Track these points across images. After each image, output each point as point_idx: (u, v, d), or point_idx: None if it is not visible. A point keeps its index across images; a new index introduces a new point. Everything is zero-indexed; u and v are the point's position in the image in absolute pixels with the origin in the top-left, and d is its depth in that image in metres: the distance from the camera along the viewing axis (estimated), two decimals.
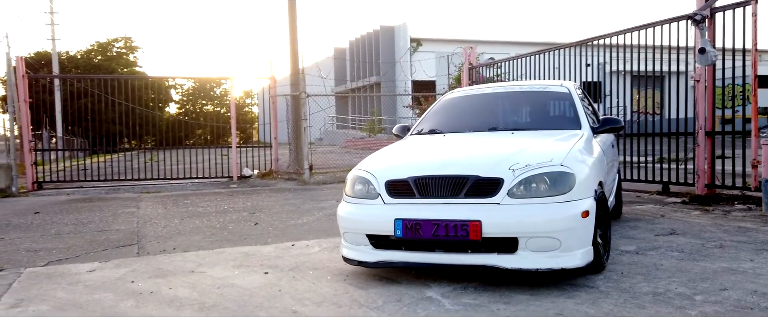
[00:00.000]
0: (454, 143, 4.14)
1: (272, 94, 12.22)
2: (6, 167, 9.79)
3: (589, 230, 3.22)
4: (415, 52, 30.08)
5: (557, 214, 3.10)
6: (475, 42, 20.82)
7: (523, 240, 3.10)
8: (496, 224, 3.10)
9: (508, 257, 3.13)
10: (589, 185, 3.34)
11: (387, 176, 3.49)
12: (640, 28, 7.45)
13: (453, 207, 3.21)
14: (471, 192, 3.22)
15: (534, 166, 3.25)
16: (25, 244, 5.07)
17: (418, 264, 3.30)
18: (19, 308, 3.16)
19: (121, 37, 41.09)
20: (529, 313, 2.82)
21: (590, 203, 3.26)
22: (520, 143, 3.79)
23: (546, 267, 3.10)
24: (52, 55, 31.94)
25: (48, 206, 7.82)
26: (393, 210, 3.33)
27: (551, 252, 3.12)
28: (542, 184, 3.19)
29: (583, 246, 3.19)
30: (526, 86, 4.97)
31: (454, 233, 3.14)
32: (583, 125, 4.23)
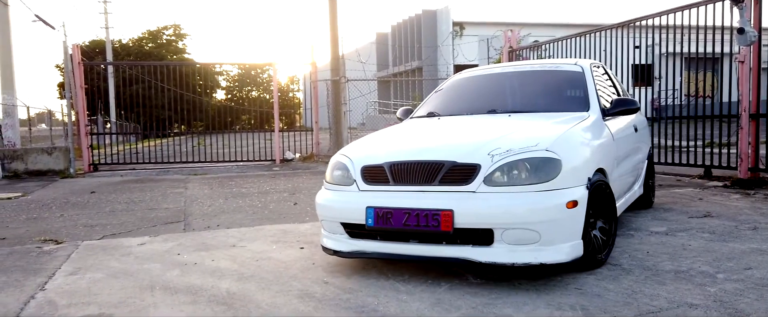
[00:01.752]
0: (444, 127, 3.88)
1: (313, 79, 12.46)
2: (64, 150, 10.38)
3: (577, 223, 2.95)
4: (458, 36, 29.90)
5: (537, 204, 2.84)
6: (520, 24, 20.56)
7: (499, 231, 2.85)
8: (469, 214, 2.87)
9: (483, 250, 2.89)
10: (581, 173, 3.06)
11: (363, 161, 3.29)
12: (680, 10, 7.27)
13: (426, 195, 2.99)
14: (446, 179, 2.99)
15: (516, 151, 2.98)
16: (82, 220, 5.45)
17: (390, 255, 3.11)
18: (77, 275, 3.46)
19: (171, 25, 42.27)
20: (550, 288, 2.91)
21: (580, 192, 2.98)
22: (511, 126, 3.55)
23: (522, 262, 2.85)
24: (106, 43, 33.19)
25: (103, 187, 8.29)
26: (366, 198, 3.14)
27: (530, 246, 2.86)
28: (522, 171, 2.92)
29: (569, 240, 2.92)
30: (538, 66, 4.64)
31: (425, 223, 2.92)
32: (591, 107, 3.86)
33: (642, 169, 4.87)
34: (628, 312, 2.55)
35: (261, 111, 16.18)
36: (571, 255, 2.93)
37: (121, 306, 2.86)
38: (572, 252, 2.94)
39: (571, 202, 2.89)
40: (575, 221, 2.95)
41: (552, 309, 2.62)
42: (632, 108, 4.00)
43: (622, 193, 4.10)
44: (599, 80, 4.41)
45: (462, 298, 2.79)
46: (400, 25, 34.54)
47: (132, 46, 40.54)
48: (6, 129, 12.32)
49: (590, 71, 4.25)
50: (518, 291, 2.88)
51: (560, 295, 2.81)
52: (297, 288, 3.05)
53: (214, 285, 3.18)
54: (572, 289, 2.90)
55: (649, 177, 5.12)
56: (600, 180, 3.24)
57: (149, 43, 41.05)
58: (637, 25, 8.17)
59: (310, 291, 2.99)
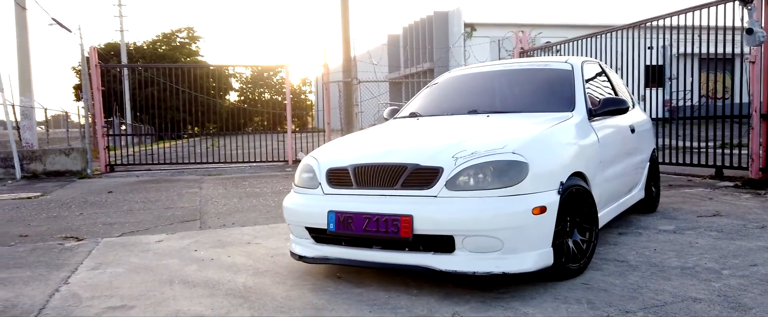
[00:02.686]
0: (419, 128, 3.75)
1: (325, 81, 12.59)
2: (82, 151, 10.58)
3: (545, 230, 2.81)
4: (470, 37, 29.91)
5: (498, 210, 2.70)
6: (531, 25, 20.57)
7: (460, 238, 2.72)
8: (428, 219, 2.74)
9: (444, 258, 2.76)
10: (552, 177, 2.90)
11: (329, 164, 3.19)
12: (693, 10, 7.29)
13: (388, 199, 2.88)
14: (408, 183, 2.87)
15: (481, 154, 2.85)
16: (101, 219, 5.59)
17: (352, 261, 3.01)
18: (99, 270, 3.59)
19: (184, 28, 42.69)
20: (557, 283, 2.98)
21: (550, 197, 2.83)
22: (485, 127, 3.42)
23: (483, 271, 2.72)
24: (121, 46, 33.60)
25: (120, 187, 8.45)
26: (329, 202, 3.04)
27: (492, 254, 2.73)
28: (485, 174, 2.78)
29: (535, 248, 2.78)
30: (526, 64, 4.48)
31: (385, 229, 2.81)
32: (576, 107, 3.66)
33: (642, 172, 4.67)
34: (633, 306, 2.61)
35: (274, 113, 16.35)
36: (538, 264, 2.78)
37: (142, 298, 2.97)
38: (540, 261, 2.79)
39: (537, 208, 2.75)
40: (543, 229, 2.80)
41: (558, 303, 2.69)
42: (620, 108, 3.78)
43: (613, 198, 3.90)
44: (593, 79, 4.28)
45: (471, 292, 2.87)
46: (411, 27, 34.63)
47: (146, 48, 41.00)
48: (24, 131, 12.56)
49: (580, 70, 4.03)
50: (525, 285, 2.95)
51: (567, 290, 2.88)
52: (311, 283, 3.15)
53: (230, 279, 3.29)
54: (579, 284, 2.96)
55: (652, 180, 4.90)
56: (576, 185, 3.08)
57: (163, 46, 41.48)
58: (649, 25, 8.19)
59: (323, 286, 3.08)
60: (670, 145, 8.07)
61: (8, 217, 5.79)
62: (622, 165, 4.06)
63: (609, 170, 3.72)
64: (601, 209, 3.56)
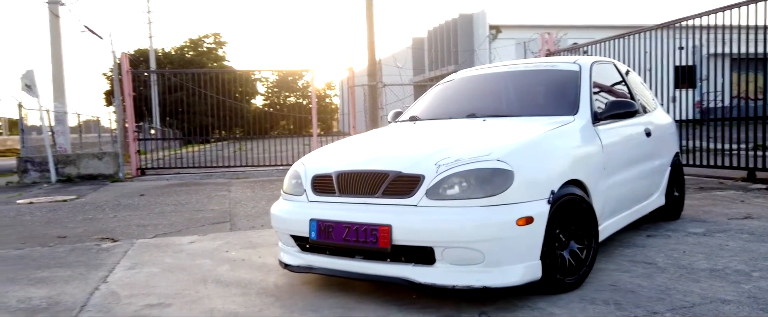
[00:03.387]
0: (412, 132, 3.65)
1: (350, 84, 12.69)
2: (114, 155, 10.86)
3: (532, 242, 2.66)
4: (495, 39, 29.79)
5: (479, 220, 2.56)
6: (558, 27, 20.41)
7: (439, 250, 2.61)
8: (407, 229, 2.63)
9: (424, 270, 2.65)
10: (542, 186, 2.75)
11: (315, 170, 3.12)
12: (725, 9, 7.19)
13: (369, 208, 2.79)
14: (389, 191, 2.77)
15: (465, 161, 2.72)
16: (135, 220, 5.75)
17: (335, 271, 2.91)
18: (135, 270, 3.71)
19: (211, 33, 43.41)
20: (585, 284, 2.99)
21: (538, 207, 2.68)
22: (476, 132, 3.30)
23: (463, 285, 2.60)
24: (150, 52, 34.32)
25: (151, 190, 8.66)
26: (312, 209, 2.98)
27: (472, 266, 2.61)
28: (467, 183, 2.65)
29: (521, 261, 2.64)
30: (533, 65, 4.25)
31: (364, 238, 2.72)
32: (580, 111, 3.46)
33: (661, 177, 4.44)
34: (660, 307, 2.62)
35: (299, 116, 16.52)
36: (524, 278, 2.65)
37: (178, 296, 3.07)
38: (526, 275, 2.66)
39: (523, 219, 2.60)
40: (530, 240, 2.66)
41: (585, 304, 2.71)
42: (625, 111, 3.58)
43: (623, 206, 3.71)
44: (606, 80, 4.11)
45: (498, 291, 2.90)
46: (436, 30, 34.64)
47: (174, 54, 41.77)
48: (58, 135, 12.93)
49: (588, 71, 3.80)
50: None
51: (594, 291, 2.89)
52: (340, 282, 3.21)
53: (262, 279, 3.37)
54: (606, 285, 2.98)
55: (675, 186, 4.69)
56: (570, 194, 2.92)
57: (190, 51, 42.22)
58: (680, 25, 8.08)
59: (352, 284, 3.14)
60: (701, 147, 7.96)
61: (46, 219, 5.99)
62: (634, 171, 3.85)
63: (616, 176, 3.53)
64: (608, 218, 3.45)
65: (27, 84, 9.92)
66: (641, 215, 4.10)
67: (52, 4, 13.22)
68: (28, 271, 3.74)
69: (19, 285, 3.40)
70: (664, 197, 4.48)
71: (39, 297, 3.16)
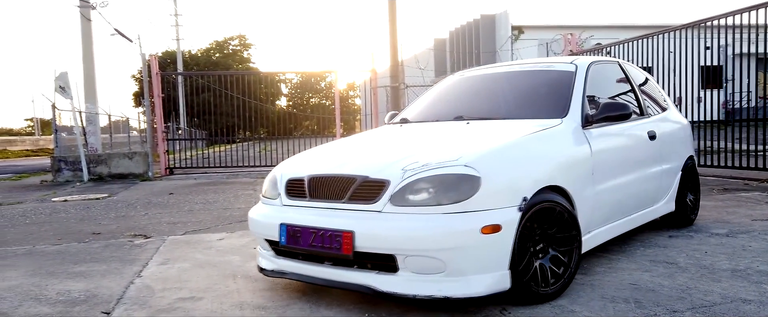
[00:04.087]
0: (395, 135, 3.59)
1: (373, 86, 12.80)
2: (143, 154, 11.13)
3: (499, 251, 2.56)
4: (517, 40, 29.64)
5: (440, 228, 2.47)
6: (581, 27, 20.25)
7: (401, 257, 2.53)
8: (369, 236, 2.57)
9: (387, 278, 2.58)
10: (512, 192, 2.63)
11: (290, 173, 3.06)
12: (753, 9, 7.11)
13: (335, 213, 2.73)
14: (356, 196, 2.70)
15: (432, 166, 2.63)
16: (165, 218, 5.92)
17: (305, 277, 2.86)
18: (167, 265, 3.85)
19: (236, 36, 43.98)
20: (605, 283, 3.04)
21: (507, 215, 2.57)
22: (454, 135, 3.24)
23: (425, 295, 2.51)
24: (177, 54, 34.92)
25: (179, 189, 8.87)
26: (284, 213, 2.94)
27: (434, 276, 2.52)
28: (431, 189, 2.56)
29: (487, 271, 2.54)
30: (529, 66, 4.11)
31: (329, 244, 2.67)
32: (569, 114, 3.32)
33: (670, 182, 4.25)
34: (680, 306, 2.66)
35: (322, 117, 16.68)
36: (490, 289, 2.55)
37: (209, 291, 3.20)
38: (493, 285, 2.55)
39: (488, 227, 2.49)
40: (497, 249, 2.55)
41: (606, 302, 2.76)
42: (622, 113, 3.40)
43: (617, 213, 3.56)
44: (607, 82, 3.97)
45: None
46: (458, 31, 34.59)
47: (200, 56, 42.42)
48: (89, 136, 13.29)
49: (584, 72, 3.64)
50: (573, 285, 3.02)
51: (614, 289, 2.94)
52: None
53: None
54: (627, 284, 3.02)
55: (687, 191, 4.51)
56: (549, 201, 2.79)
57: (216, 54, 42.83)
58: (706, 25, 8.00)
59: None
60: (726, 148, 7.87)
61: (80, 216, 6.20)
62: (632, 176, 3.68)
63: (609, 182, 3.38)
64: (598, 225, 3.33)
65: (61, 86, 10.23)
66: (643, 222, 3.95)
67: (84, 8, 13.59)
68: (66, 265, 3.91)
69: (58, 279, 3.56)
70: (673, 203, 4.30)
71: (77, 289, 3.31)
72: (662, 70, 8.72)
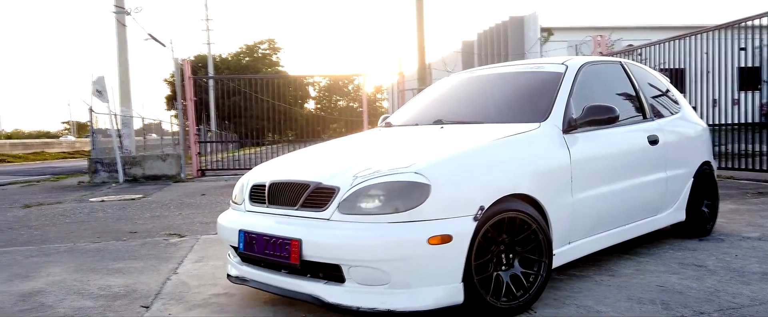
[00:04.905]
0: (368, 140, 3.52)
1: (400, 88, 12.87)
2: (176, 156, 11.41)
3: (451, 262, 2.43)
4: (546, 42, 29.38)
5: (382, 238, 2.37)
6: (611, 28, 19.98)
7: (346, 268, 2.45)
8: (315, 245, 2.50)
9: (334, 288, 2.50)
10: (467, 201, 2.50)
11: (255, 179, 3.03)
12: None
13: (288, 220, 2.68)
14: (308, 203, 2.64)
15: (383, 172, 2.53)
16: (198, 218, 6.09)
17: (262, 285, 2.79)
18: (202, 262, 3.98)
19: (266, 40, 44.61)
20: (633, 285, 3.05)
21: (460, 225, 2.44)
22: (418, 141, 3.18)
23: (367, 307, 2.41)
24: (208, 58, 35.57)
25: (211, 190, 9.08)
26: (244, 219, 2.91)
27: (378, 287, 2.42)
28: (377, 196, 2.46)
29: (435, 283, 2.43)
30: (520, 67, 3.93)
31: (279, 252, 2.61)
32: (550, 118, 3.13)
33: (679, 190, 3.99)
34: (708, 308, 2.66)
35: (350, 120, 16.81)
36: (439, 302, 2.43)
37: (242, 287, 3.30)
38: (443, 298, 2.44)
39: (437, 237, 2.38)
40: (447, 261, 2.43)
41: (632, 303, 2.77)
42: (603, 118, 3.18)
43: (606, 223, 3.35)
44: (606, 82, 3.78)
45: (545, 291, 2.99)
46: (486, 33, 34.41)
47: (231, 60, 43.14)
48: (124, 138, 13.65)
49: (574, 74, 3.44)
50: (600, 286, 3.04)
51: (641, 291, 2.95)
52: None
53: None
54: (654, 286, 3.02)
55: (703, 199, 4.27)
56: (511, 210, 2.64)
57: (246, 58, 43.50)
58: (743, 26, 7.86)
59: None
60: (761, 151, 7.72)
61: (117, 216, 6.41)
62: (624, 184, 3.44)
63: (593, 190, 3.18)
64: (581, 236, 3.15)
65: (98, 89, 10.56)
66: (643, 232, 3.74)
67: (119, 13, 13.99)
68: (106, 262, 4.07)
69: (98, 275, 3.72)
70: (684, 212, 4.05)
71: (117, 285, 3.46)
72: (697, 73, 8.59)
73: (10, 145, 37.58)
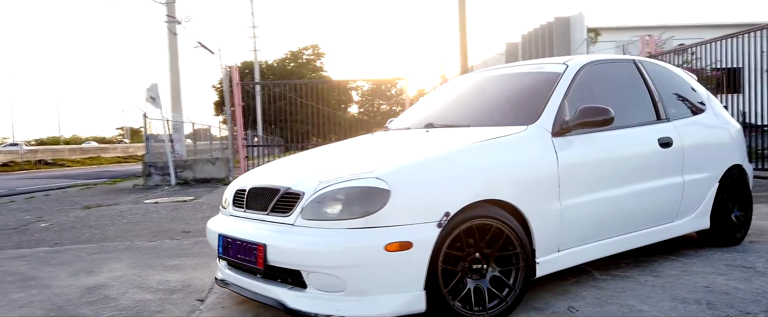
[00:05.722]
0: (356, 144, 3.50)
1: None
2: (225, 160, 11.78)
3: (411, 270, 2.37)
4: (594, 42, 28.82)
5: (338, 244, 2.35)
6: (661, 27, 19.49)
7: (305, 274, 2.44)
8: (278, 250, 2.49)
9: (296, 293, 2.48)
10: (430, 207, 2.43)
11: (239, 184, 3.05)
12: None
13: (258, 225, 2.70)
14: (277, 208, 2.63)
15: (345, 178, 2.50)
16: None
17: (239, 289, 2.80)
18: None
19: (310, 45, 45.33)
20: (678, 286, 3.04)
21: (422, 232, 2.38)
22: (394, 146, 3.16)
23: (324, 313, 2.38)
24: (254, 65, 36.43)
25: None
26: (224, 224, 2.95)
27: (335, 294, 2.39)
28: (337, 202, 2.43)
29: (395, 291, 2.37)
30: (521, 67, 3.81)
31: (247, 256, 2.63)
32: (539, 120, 2.98)
33: (699, 196, 3.69)
34: (755, 308, 2.63)
35: None
36: (399, 310, 2.38)
37: None
38: (402, 307, 2.38)
39: (395, 244, 2.32)
40: (407, 268, 2.37)
41: (676, 303, 2.77)
42: (596, 120, 2.98)
43: (605, 230, 3.16)
44: (616, 82, 3.60)
45: (587, 289, 3.02)
46: (530, 34, 33.98)
47: (276, 66, 44.02)
48: (175, 143, 14.16)
49: (572, 74, 3.26)
50: (644, 286, 3.04)
51: (687, 291, 2.93)
52: None
53: None
54: (700, 287, 3.00)
55: (733, 205, 3.95)
56: (483, 217, 2.55)
57: (291, 63, 44.29)
58: None
59: None
60: None
61: (171, 217, 6.70)
62: (627, 189, 3.23)
63: (588, 196, 3.01)
64: (575, 244, 2.99)
65: (152, 96, 11.02)
66: (657, 240, 3.51)
67: (171, 23, 14.54)
68: (162, 259, 4.28)
69: (156, 270, 3.93)
70: (708, 219, 3.76)
71: (174, 280, 3.65)
72: (754, 72, 8.31)
73: (68, 150, 39.40)
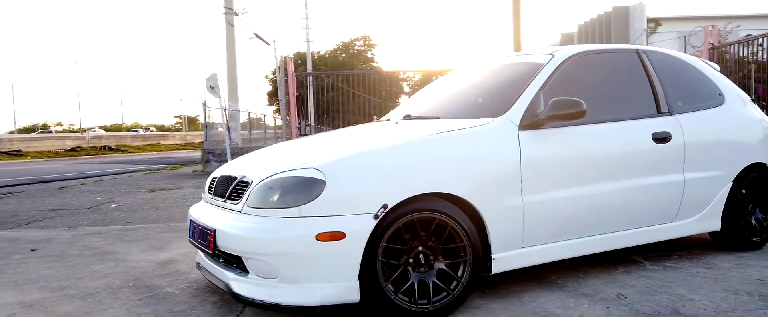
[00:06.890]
0: (330, 135, 3.60)
1: None
2: None
3: (344, 260, 2.39)
4: (654, 33, 27.88)
5: (269, 232, 2.41)
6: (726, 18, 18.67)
7: (246, 259, 2.51)
8: (224, 235, 2.57)
9: (241, 278, 2.55)
10: (367, 199, 2.43)
11: (215, 172, 3.16)
12: None
13: (216, 211, 2.81)
14: (232, 195, 2.73)
15: (288, 167, 2.57)
16: None
17: (205, 272, 2.89)
18: None
19: (361, 37, 45.51)
20: (730, 278, 3.03)
21: (356, 223, 2.39)
22: (358, 136, 3.22)
23: (259, 299, 2.44)
24: (307, 56, 37.04)
25: None
26: (196, 209, 3.06)
27: (270, 280, 2.45)
28: (275, 191, 2.50)
29: (328, 280, 2.40)
30: (509, 58, 3.71)
31: (203, 240, 2.74)
32: (507, 113, 2.88)
33: (707, 196, 3.46)
34: None
35: None
36: (331, 299, 2.40)
37: None
38: (335, 296, 2.41)
39: (326, 234, 2.35)
40: (339, 258, 2.39)
41: (728, 294, 2.77)
42: (567, 113, 2.84)
43: (579, 229, 3.02)
44: (614, 74, 3.44)
45: (638, 277, 3.06)
46: (587, 24, 32.93)
47: (328, 57, 44.50)
48: (231, 131, 14.65)
49: (555, 66, 3.13)
50: (695, 277, 3.05)
51: (739, 283, 2.93)
52: None
53: None
54: (753, 279, 2.99)
55: (752, 207, 3.68)
56: (426, 210, 2.53)
57: (342, 54, 44.67)
58: None
59: None
60: None
61: None
62: (610, 186, 3.07)
63: (559, 192, 2.90)
64: (542, 241, 2.89)
65: (211, 85, 11.43)
66: (652, 240, 3.32)
67: (228, 14, 15.01)
68: None
69: None
70: (718, 220, 3.52)
71: None
72: None
73: (131, 137, 41.17)
